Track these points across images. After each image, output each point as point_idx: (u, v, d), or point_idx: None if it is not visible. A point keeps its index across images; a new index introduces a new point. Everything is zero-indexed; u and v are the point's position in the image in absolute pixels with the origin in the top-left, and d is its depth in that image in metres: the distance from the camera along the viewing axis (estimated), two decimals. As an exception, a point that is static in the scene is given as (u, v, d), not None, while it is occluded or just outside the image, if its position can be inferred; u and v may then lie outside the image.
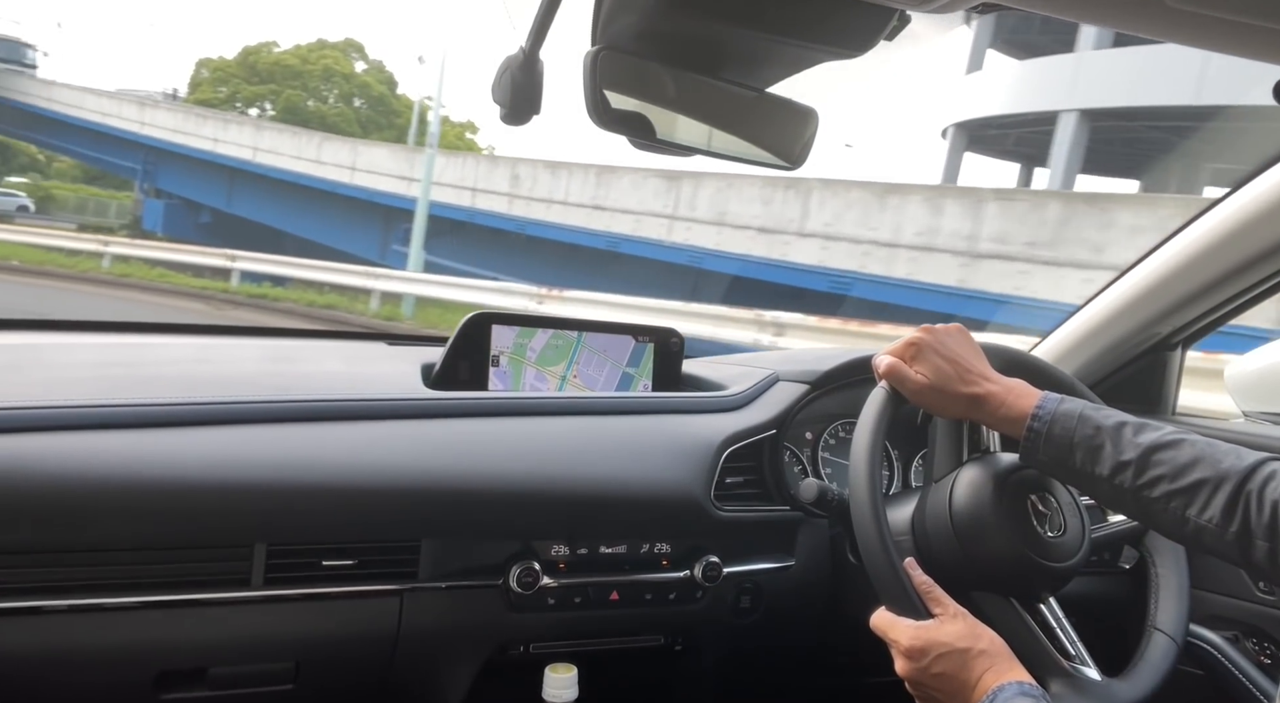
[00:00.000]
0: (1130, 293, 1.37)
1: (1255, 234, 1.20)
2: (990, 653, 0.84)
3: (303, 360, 1.30)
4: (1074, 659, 0.95)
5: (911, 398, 0.94)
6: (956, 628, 0.86)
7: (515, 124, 0.80)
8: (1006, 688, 0.80)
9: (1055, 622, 0.97)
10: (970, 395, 0.91)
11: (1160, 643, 1.01)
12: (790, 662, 1.28)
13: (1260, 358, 1.47)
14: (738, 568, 1.15)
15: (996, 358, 1.10)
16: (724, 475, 1.16)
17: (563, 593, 1.07)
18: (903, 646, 0.87)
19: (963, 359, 0.92)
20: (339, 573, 0.98)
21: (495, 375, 1.29)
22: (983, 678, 0.83)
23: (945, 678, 0.84)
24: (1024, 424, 0.88)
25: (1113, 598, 1.15)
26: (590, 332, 1.35)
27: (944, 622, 0.87)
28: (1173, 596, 1.05)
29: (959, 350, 0.93)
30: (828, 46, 0.71)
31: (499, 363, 1.29)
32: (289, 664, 0.99)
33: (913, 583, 0.90)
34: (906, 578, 0.90)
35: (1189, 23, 0.53)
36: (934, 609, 0.88)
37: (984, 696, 0.81)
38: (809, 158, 0.89)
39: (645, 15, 0.71)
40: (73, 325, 1.39)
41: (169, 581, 0.92)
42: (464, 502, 1.02)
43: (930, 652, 0.85)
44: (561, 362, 1.33)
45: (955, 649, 0.84)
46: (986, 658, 0.84)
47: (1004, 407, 0.89)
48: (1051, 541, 0.96)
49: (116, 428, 0.93)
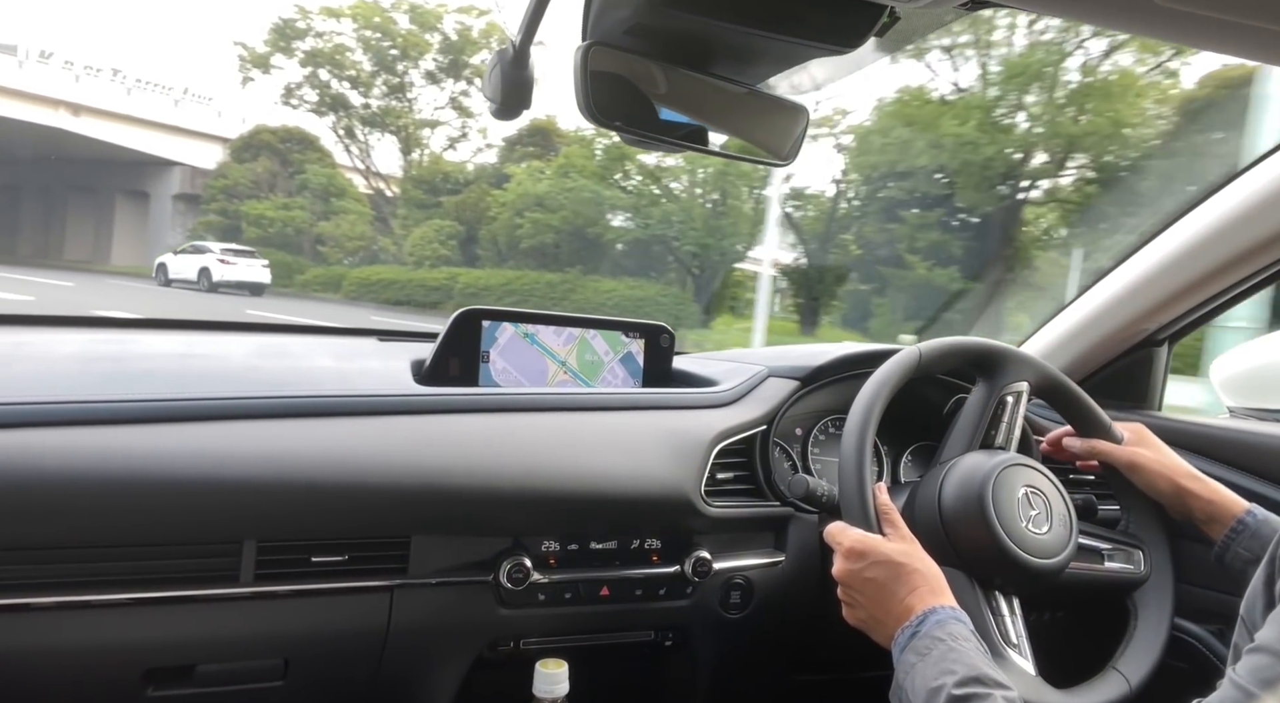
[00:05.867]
0: (1117, 289, 1.38)
1: (1241, 231, 1.21)
2: (924, 575, 0.89)
3: (292, 356, 1.29)
4: (1014, 648, 0.95)
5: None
6: (900, 546, 0.92)
7: (505, 119, 0.80)
8: (939, 611, 0.85)
9: (1008, 610, 0.98)
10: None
11: (1114, 683, 0.98)
12: (780, 657, 1.28)
13: (1247, 354, 1.48)
14: (728, 564, 1.15)
15: (944, 356, 1.11)
16: (714, 471, 1.16)
17: (553, 589, 1.07)
18: (844, 547, 0.93)
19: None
20: (329, 569, 0.97)
21: (485, 371, 1.28)
22: (911, 595, 0.87)
23: (875, 584, 0.89)
24: None
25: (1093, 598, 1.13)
26: (581, 327, 1.34)
27: (891, 539, 0.93)
28: (1146, 647, 1.02)
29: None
30: (818, 42, 0.71)
31: (489, 359, 1.29)
32: (278, 661, 0.98)
33: (875, 503, 0.96)
34: (871, 498, 0.96)
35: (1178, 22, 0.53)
36: (886, 529, 0.95)
37: (913, 616, 0.85)
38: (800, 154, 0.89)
39: (636, 10, 0.71)
40: (59, 321, 1.38)
41: (157, 577, 0.91)
42: (454, 498, 1.01)
43: (868, 557, 0.91)
44: (552, 357, 1.33)
45: (892, 561, 0.89)
46: (919, 577, 0.88)
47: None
48: (1033, 536, 0.97)
49: (103, 424, 0.92)
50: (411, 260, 18.86)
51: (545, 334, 1.32)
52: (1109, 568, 1.06)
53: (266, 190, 21.11)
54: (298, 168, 21.29)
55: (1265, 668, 0.60)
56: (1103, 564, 1.06)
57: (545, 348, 1.33)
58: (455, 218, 19.05)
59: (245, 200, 20.85)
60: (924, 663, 0.80)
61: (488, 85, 0.81)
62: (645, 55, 0.78)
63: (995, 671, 0.80)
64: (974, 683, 0.77)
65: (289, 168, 21.37)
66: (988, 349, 1.14)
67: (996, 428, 1.10)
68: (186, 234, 21.94)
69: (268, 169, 21.21)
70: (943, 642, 0.81)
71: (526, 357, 1.31)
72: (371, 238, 20.84)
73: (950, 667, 0.78)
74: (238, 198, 21.03)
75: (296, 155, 21.55)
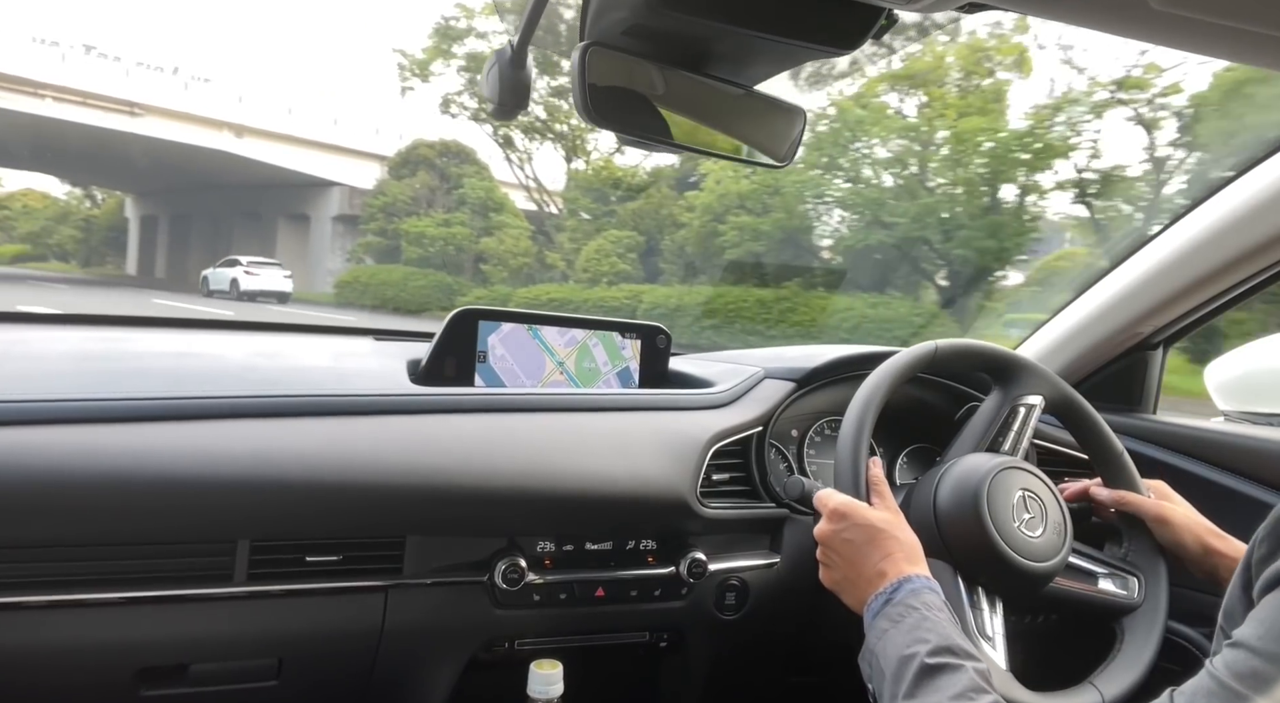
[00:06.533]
0: (1112, 292, 1.39)
1: (1236, 235, 1.22)
2: (901, 542, 0.90)
3: (288, 356, 1.29)
4: (988, 641, 0.95)
5: None
6: (883, 515, 0.93)
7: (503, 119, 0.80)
8: (914, 580, 0.86)
9: (988, 606, 0.98)
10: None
11: (1088, 696, 0.96)
12: (775, 658, 1.28)
13: (1241, 358, 1.49)
14: (723, 565, 1.15)
15: (960, 357, 1.12)
16: (710, 473, 1.16)
17: (548, 589, 1.07)
18: (829, 508, 0.95)
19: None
20: (323, 569, 0.97)
21: (481, 371, 1.28)
22: (885, 560, 0.88)
23: (852, 546, 0.91)
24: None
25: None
26: (577, 328, 1.35)
27: (876, 508, 0.95)
28: (1127, 669, 1.00)
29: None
30: (815, 44, 0.71)
31: (485, 359, 1.29)
32: (272, 661, 0.98)
33: (867, 474, 0.98)
34: (864, 468, 0.98)
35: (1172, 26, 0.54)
36: (874, 500, 0.96)
37: (887, 582, 0.86)
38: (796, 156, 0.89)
39: (633, 11, 0.71)
40: (53, 319, 1.37)
41: (151, 576, 0.91)
42: (449, 498, 1.01)
43: (850, 519, 0.92)
44: (551, 356, 1.33)
45: (872, 526, 0.91)
46: (895, 544, 0.90)
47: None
48: (1025, 537, 0.97)
49: (96, 422, 0.92)
50: (586, 277, 16.26)
51: (549, 332, 1.33)
52: (1102, 590, 1.05)
53: (425, 207, 19.67)
54: (455, 182, 19.77)
55: (1240, 662, 0.61)
56: (1096, 585, 1.05)
57: (546, 345, 1.33)
58: (633, 227, 16.50)
59: (404, 218, 19.29)
60: (897, 630, 0.81)
61: (486, 85, 0.81)
62: (643, 56, 0.78)
63: (967, 643, 0.81)
64: (946, 653, 0.77)
65: (447, 183, 20.14)
66: (1007, 357, 1.14)
67: (1005, 436, 1.10)
68: (345, 256, 21.48)
69: (426, 184, 19.90)
70: (916, 610, 0.82)
71: (527, 349, 1.32)
72: (536, 253, 18.79)
73: (924, 635, 0.79)
74: (396, 215, 19.53)
75: (454, 169, 20.10)
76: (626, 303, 14.34)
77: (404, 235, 19.02)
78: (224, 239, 25.94)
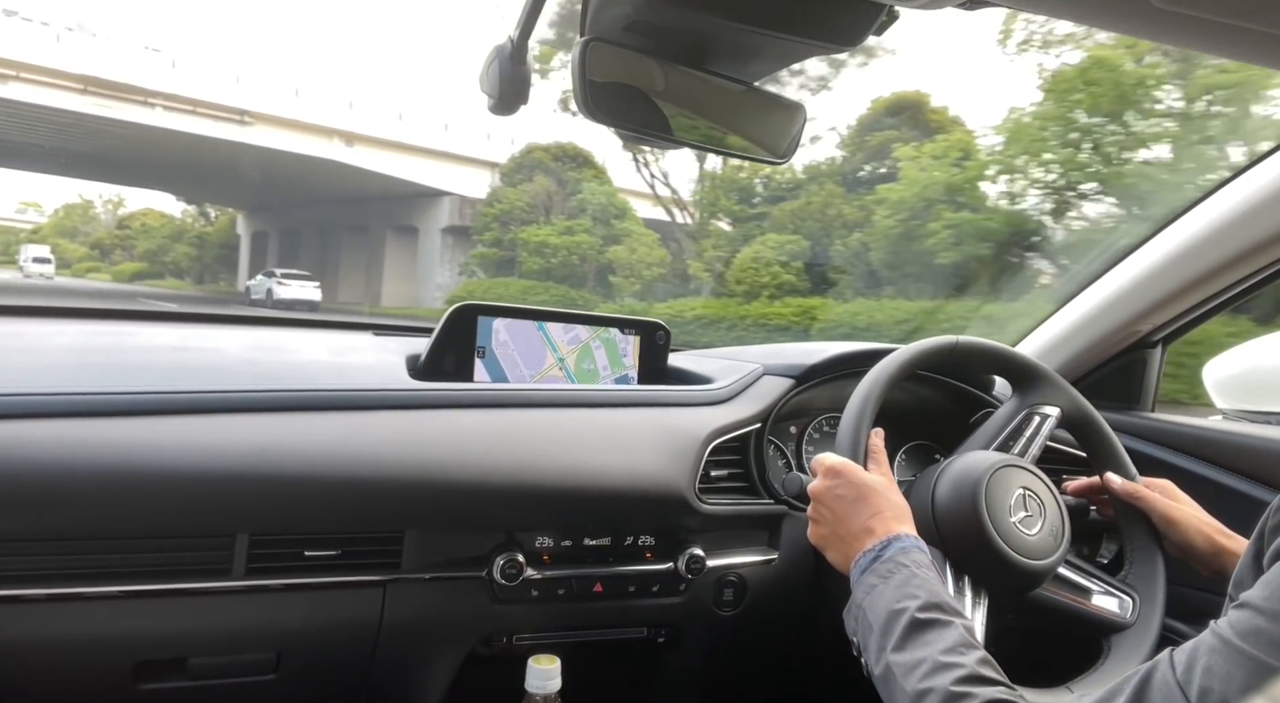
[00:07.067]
0: (1111, 290, 1.39)
1: (1235, 234, 1.22)
2: (892, 503, 0.92)
3: (287, 350, 1.29)
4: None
5: None
6: (877, 478, 0.95)
7: (503, 114, 0.80)
8: (903, 539, 0.87)
9: (971, 596, 0.97)
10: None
11: (1064, 697, 0.95)
12: (773, 654, 1.28)
13: (1240, 356, 1.49)
14: (721, 561, 1.16)
15: (980, 357, 1.12)
16: (708, 469, 1.16)
17: (546, 585, 1.07)
18: (824, 466, 0.96)
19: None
20: (321, 563, 0.97)
21: (480, 367, 1.28)
22: (874, 517, 0.89)
23: (842, 502, 0.92)
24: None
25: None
26: (576, 324, 1.35)
27: (871, 471, 0.97)
28: (1108, 681, 0.95)
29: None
30: (816, 41, 0.71)
31: (484, 354, 1.29)
32: (270, 655, 0.98)
33: (867, 442, 1.00)
34: (865, 436, 1.00)
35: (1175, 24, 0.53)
36: (870, 465, 0.98)
37: (874, 540, 0.87)
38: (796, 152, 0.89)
39: (634, 7, 0.71)
40: (53, 312, 1.37)
41: (149, 570, 0.91)
42: (448, 493, 1.01)
43: (843, 477, 0.94)
44: (552, 350, 1.33)
45: (864, 485, 0.93)
46: (885, 502, 0.91)
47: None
48: (1021, 534, 0.97)
49: (96, 416, 0.92)
50: (741, 290, 13.48)
51: (554, 328, 1.33)
52: (1095, 605, 1.03)
53: (544, 214, 18.13)
54: (573, 188, 18.34)
55: (1244, 620, 0.61)
56: (1089, 600, 1.04)
57: (550, 339, 1.33)
58: (793, 230, 13.93)
59: (522, 227, 17.82)
60: (885, 586, 0.82)
61: (485, 81, 0.80)
62: (644, 52, 0.78)
63: (955, 601, 0.82)
64: (935, 609, 0.78)
65: (565, 188, 18.57)
66: (1028, 365, 1.15)
67: (1016, 441, 1.10)
68: (458, 269, 20.72)
69: (544, 189, 18.43)
70: (905, 567, 0.83)
71: (530, 340, 1.32)
72: (670, 263, 16.70)
73: (913, 591, 0.80)
74: (513, 224, 18.17)
75: (571, 174, 18.67)
76: (796, 322, 11.40)
77: (523, 245, 17.44)
78: (331, 254, 26.11)
